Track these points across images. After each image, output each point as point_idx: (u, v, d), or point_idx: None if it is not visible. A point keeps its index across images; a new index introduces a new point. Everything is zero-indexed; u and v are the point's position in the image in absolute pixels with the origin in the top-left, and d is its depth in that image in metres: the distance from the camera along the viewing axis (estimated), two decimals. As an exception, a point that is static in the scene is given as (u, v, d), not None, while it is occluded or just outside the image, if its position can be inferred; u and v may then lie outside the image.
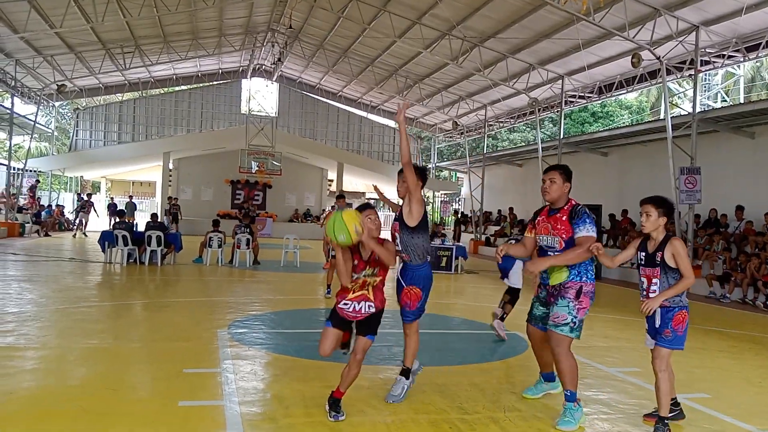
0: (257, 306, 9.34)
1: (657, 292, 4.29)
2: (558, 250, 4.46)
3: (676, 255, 4.27)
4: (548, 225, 4.57)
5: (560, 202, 4.57)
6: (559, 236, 4.48)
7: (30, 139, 27.09)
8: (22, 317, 7.55)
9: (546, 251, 4.57)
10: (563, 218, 4.48)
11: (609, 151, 21.29)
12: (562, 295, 4.43)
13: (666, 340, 4.32)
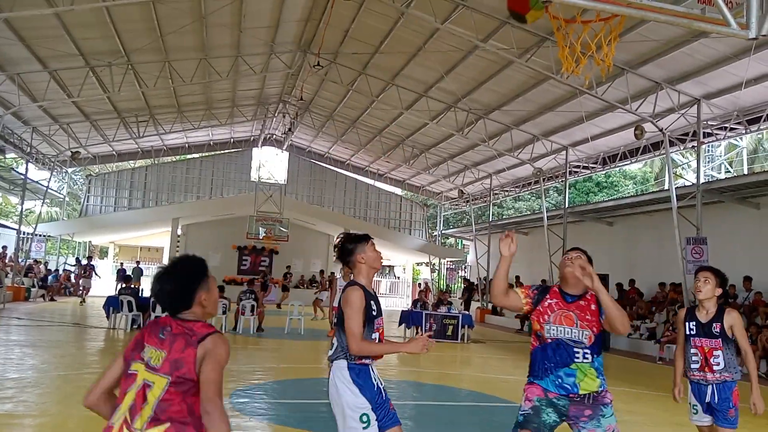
0: (260, 374, 9.22)
1: (721, 365, 4.13)
2: (587, 346, 3.52)
3: (735, 327, 4.17)
4: (571, 314, 3.58)
5: (582, 287, 3.67)
6: (589, 330, 3.53)
7: (42, 204, 27.50)
8: (22, 383, 7.48)
9: (574, 348, 3.53)
10: (592, 307, 3.58)
11: (614, 220, 21.37)
12: (603, 403, 3.51)
13: (730, 421, 4.10)
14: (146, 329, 2.44)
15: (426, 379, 9.72)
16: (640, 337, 16.46)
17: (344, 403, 3.43)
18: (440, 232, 35.05)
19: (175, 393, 2.27)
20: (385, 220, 34.43)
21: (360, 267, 3.72)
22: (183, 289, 2.45)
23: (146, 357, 2.34)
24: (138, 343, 2.40)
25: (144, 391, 2.28)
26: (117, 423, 2.29)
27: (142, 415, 2.25)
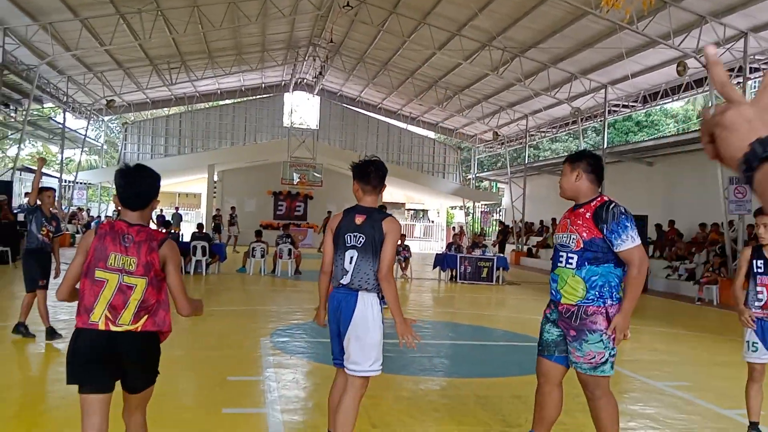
0: (299, 315, 9.42)
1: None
2: (573, 250, 3.47)
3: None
4: (567, 221, 3.62)
5: (583, 198, 3.60)
6: (578, 234, 3.48)
7: (80, 152, 28.10)
8: (71, 324, 7.78)
9: (559, 251, 3.58)
10: (587, 215, 3.50)
11: (654, 160, 20.80)
12: (590, 328, 3.45)
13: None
14: (105, 238, 2.77)
15: (461, 320, 9.82)
16: (678, 278, 16.26)
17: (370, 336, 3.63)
18: (474, 175, 34.73)
19: (151, 289, 2.78)
20: (419, 164, 34.20)
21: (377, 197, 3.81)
22: (148, 189, 2.91)
23: (116, 264, 2.74)
24: (98, 253, 2.75)
25: (125, 293, 2.73)
26: (100, 321, 2.72)
27: (125, 311, 2.72)
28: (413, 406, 4.97)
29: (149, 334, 2.80)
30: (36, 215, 6.62)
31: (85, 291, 2.76)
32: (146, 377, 2.89)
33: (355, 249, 3.55)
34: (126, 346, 2.74)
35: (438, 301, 12.74)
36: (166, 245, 2.83)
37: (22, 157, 26.63)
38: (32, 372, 5.59)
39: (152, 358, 2.89)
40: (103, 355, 2.72)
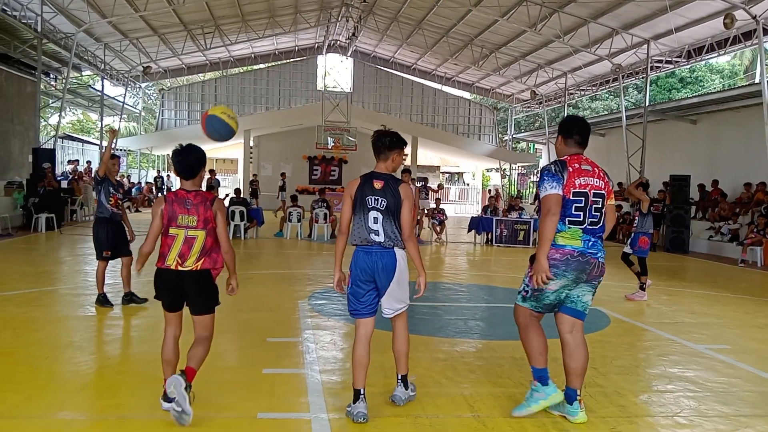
0: (335, 279, 9.54)
1: None
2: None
3: None
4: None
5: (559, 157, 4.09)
6: None
7: (119, 119, 28.57)
8: (117, 288, 8.05)
9: None
10: None
11: (698, 118, 20.13)
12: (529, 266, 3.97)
13: None
14: (173, 204, 3.80)
15: (497, 282, 9.81)
16: (721, 239, 15.88)
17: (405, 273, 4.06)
18: (511, 136, 34.19)
19: (208, 238, 3.81)
20: (453, 125, 33.80)
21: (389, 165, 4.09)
22: (196, 163, 3.91)
23: (182, 223, 3.77)
24: (170, 215, 3.78)
25: (189, 243, 3.78)
26: (173, 264, 3.79)
27: (190, 256, 3.80)
28: (449, 368, 5.03)
29: (205, 270, 3.83)
30: (104, 185, 6.80)
31: (162, 244, 3.80)
32: (201, 303, 3.89)
33: (378, 211, 3.96)
34: (187, 281, 3.80)
35: (473, 265, 12.73)
36: (216, 202, 3.84)
37: (63, 125, 27.22)
38: (80, 336, 5.82)
39: (206, 288, 3.88)
40: (173, 287, 3.86)
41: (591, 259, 3.84)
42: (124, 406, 3.97)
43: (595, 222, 3.90)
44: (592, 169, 3.98)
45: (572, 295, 3.90)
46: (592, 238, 3.87)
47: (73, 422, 3.69)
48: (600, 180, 3.96)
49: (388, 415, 3.93)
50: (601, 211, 3.93)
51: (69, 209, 17.68)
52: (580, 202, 3.85)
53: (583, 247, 3.83)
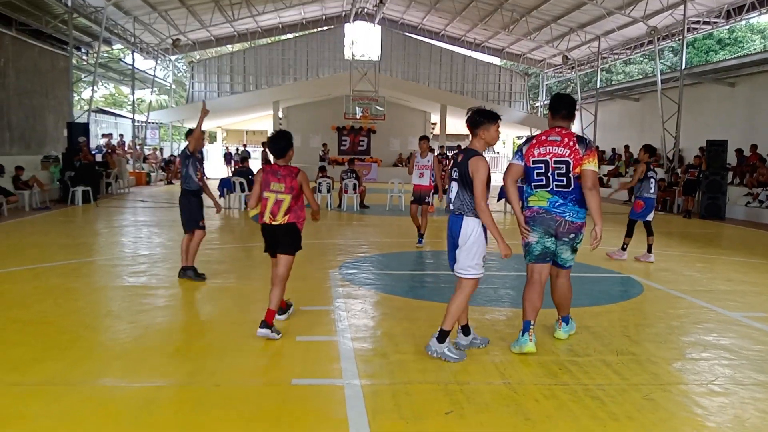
0: (365, 248, 9.59)
1: None
2: None
3: None
4: None
5: None
6: None
7: (150, 92, 28.86)
8: (152, 259, 8.23)
9: None
10: None
11: (737, 81, 19.47)
12: None
13: None
14: (268, 174, 4.96)
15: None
16: (759, 205, 15.47)
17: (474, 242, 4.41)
18: (542, 102, 33.57)
19: (292, 200, 4.94)
20: (483, 92, 33.33)
21: (480, 141, 4.46)
22: (286, 146, 5.01)
23: (274, 189, 4.93)
24: (265, 182, 4.95)
25: (279, 204, 4.93)
26: (266, 218, 4.98)
27: (279, 213, 4.94)
28: (480, 335, 5.03)
29: (291, 223, 5.00)
30: (192, 160, 6.84)
31: (261, 205, 4.99)
32: (287, 246, 5.04)
33: (455, 181, 4.43)
34: (278, 232, 5.00)
35: (503, 233, 12.66)
36: (300, 174, 4.97)
37: (95, 99, 27.59)
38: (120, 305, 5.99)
39: (292, 236, 5.06)
40: (269, 237, 5.07)
41: (556, 216, 4.56)
42: (161, 374, 4.08)
43: (562, 185, 4.51)
44: (561, 139, 4.49)
45: (557, 251, 4.71)
46: (560, 199, 4.54)
47: (114, 388, 3.82)
48: (565, 148, 4.45)
49: (419, 381, 3.97)
50: (567, 176, 4.48)
51: (104, 182, 18.02)
52: (540, 168, 4.56)
53: (549, 206, 4.58)
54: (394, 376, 4.07)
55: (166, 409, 3.52)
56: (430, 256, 9.19)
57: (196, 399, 3.66)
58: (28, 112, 17.75)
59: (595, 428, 3.37)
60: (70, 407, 3.51)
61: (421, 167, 9.55)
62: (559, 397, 3.78)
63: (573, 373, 4.19)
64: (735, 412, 3.67)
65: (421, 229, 9.68)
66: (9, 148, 16.51)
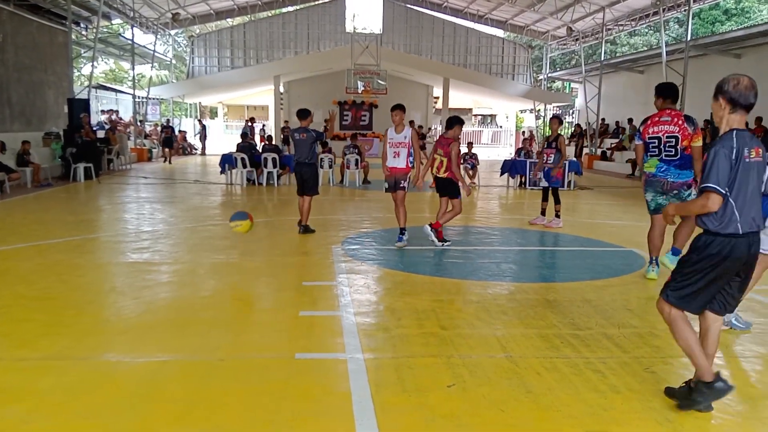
0: (368, 224, 9.60)
1: None
2: None
3: None
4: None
5: None
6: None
7: (151, 67, 28.66)
8: (155, 235, 8.26)
9: None
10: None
11: (743, 52, 19.23)
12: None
13: None
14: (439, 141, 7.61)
15: (530, 226, 9.74)
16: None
17: None
18: (546, 75, 33.28)
19: (448, 160, 7.40)
20: (486, 65, 33.02)
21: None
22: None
23: (438, 153, 7.47)
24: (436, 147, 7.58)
25: (441, 162, 7.48)
26: (432, 173, 7.67)
27: (441, 169, 7.52)
28: (482, 310, 5.06)
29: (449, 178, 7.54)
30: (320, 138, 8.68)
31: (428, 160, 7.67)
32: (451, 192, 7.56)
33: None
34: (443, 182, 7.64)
35: (506, 208, 12.64)
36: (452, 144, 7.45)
37: (96, 75, 27.41)
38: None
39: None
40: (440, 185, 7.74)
41: (660, 179, 5.95)
42: (165, 348, 4.12)
43: (670, 155, 5.87)
44: (671, 119, 5.89)
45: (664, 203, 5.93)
46: (665, 165, 5.90)
47: (119, 363, 3.86)
48: (674, 126, 5.85)
49: (422, 355, 4.00)
50: (676, 148, 5.84)
51: (106, 159, 17.99)
52: (654, 143, 5.94)
53: (655, 171, 5.97)
54: (397, 350, 4.10)
55: (171, 384, 3.56)
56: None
57: (200, 373, 3.70)
58: (28, 88, 17.66)
59: (597, 400, 3.40)
60: (76, 382, 3.55)
61: (395, 145, 7.65)
62: (561, 369, 3.81)
63: (575, 347, 4.22)
64: (736, 384, 3.69)
65: (400, 222, 7.76)
66: (10, 125, 16.46)
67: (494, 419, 3.17)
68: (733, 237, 3.11)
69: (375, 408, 3.24)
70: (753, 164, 3.11)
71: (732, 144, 3.10)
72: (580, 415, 3.22)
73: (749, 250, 3.13)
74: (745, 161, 3.09)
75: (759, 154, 3.14)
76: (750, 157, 3.10)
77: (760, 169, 3.15)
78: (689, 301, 3.24)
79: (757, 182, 3.15)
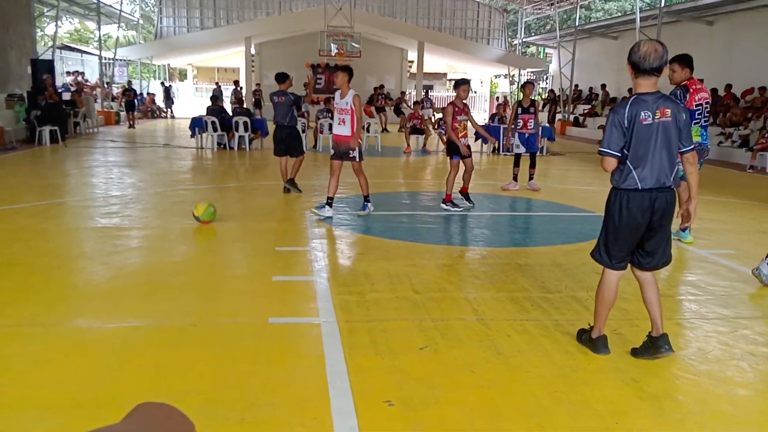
0: (342, 189, 9.54)
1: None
2: None
3: None
4: None
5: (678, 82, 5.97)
6: None
7: (117, 27, 27.76)
8: (124, 200, 8.11)
9: None
10: None
11: (715, 19, 19.34)
12: None
13: None
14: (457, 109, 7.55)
15: (503, 191, 9.80)
16: (732, 144, 15.68)
17: None
18: (521, 40, 33.10)
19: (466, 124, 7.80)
20: (461, 29, 32.69)
21: None
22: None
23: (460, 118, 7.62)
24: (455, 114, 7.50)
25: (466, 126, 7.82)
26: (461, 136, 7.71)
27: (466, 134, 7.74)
28: (453, 273, 5.11)
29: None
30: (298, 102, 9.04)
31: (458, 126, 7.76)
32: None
33: None
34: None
35: (479, 174, 12.68)
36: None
37: (60, 35, 26.48)
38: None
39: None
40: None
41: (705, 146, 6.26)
42: (137, 314, 4.08)
43: (707, 121, 6.20)
44: (701, 87, 6.03)
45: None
46: (704, 131, 6.20)
47: (89, 329, 3.81)
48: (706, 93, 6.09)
49: (395, 319, 4.04)
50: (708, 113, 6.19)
51: (72, 122, 17.51)
52: (699, 110, 5.95)
53: (701, 140, 6.11)
54: (370, 314, 4.13)
55: (143, 349, 3.54)
56: (406, 197, 9.20)
57: (172, 339, 3.68)
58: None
59: (565, 361, 3.47)
60: (46, 349, 3.50)
61: (340, 111, 7.27)
62: (531, 332, 3.88)
63: (544, 309, 4.29)
64: (699, 345, 3.81)
65: (363, 190, 7.48)
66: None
67: (465, 381, 3.22)
68: (631, 191, 3.36)
69: (348, 371, 3.26)
70: (655, 125, 3.28)
71: (624, 111, 3.30)
72: (549, 376, 3.29)
73: (652, 205, 3.35)
74: (642, 124, 3.27)
75: (666, 114, 3.29)
76: (652, 119, 3.27)
77: (666, 127, 3.30)
78: (606, 255, 3.53)
79: (663, 140, 3.31)
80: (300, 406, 2.90)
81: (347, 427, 2.72)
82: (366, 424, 2.75)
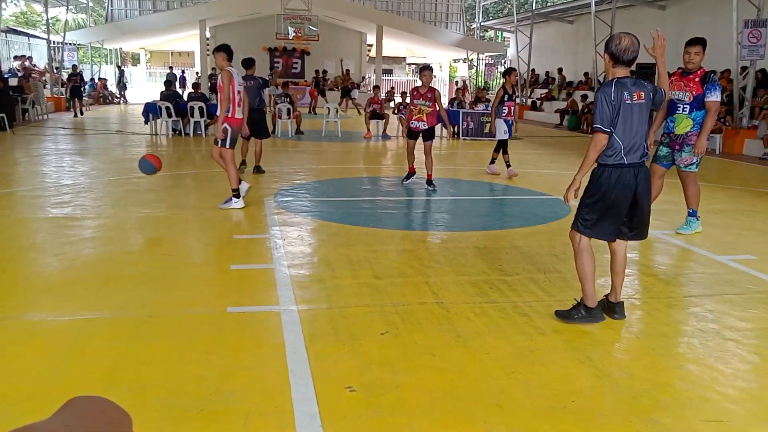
0: (301, 175, 9.48)
1: None
2: (687, 102, 5.74)
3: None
4: (681, 83, 5.76)
5: (696, 68, 5.77)
6: (690, 92, 5.71)
7: (66, 10, 26.78)
8: (76, 189, 7.89)
9: (676, 104, 5.79)
10: (696, 79, 5.71)
11: (667, 4, 19.78)
12: (687, 142, 5.79)
13: None
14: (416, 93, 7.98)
15: (462, 175, 9.89)
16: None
17: None
18: (479, 24, 33.23)
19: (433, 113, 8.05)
20: (420, 13, 32.63)
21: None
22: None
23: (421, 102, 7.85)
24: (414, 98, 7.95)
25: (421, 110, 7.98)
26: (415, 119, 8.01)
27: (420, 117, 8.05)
28: (414, 258, 5.14)
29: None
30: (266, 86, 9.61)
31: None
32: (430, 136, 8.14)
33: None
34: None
35: (439, 158, 12.74)
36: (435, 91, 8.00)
37: (5, 18, 25.45)
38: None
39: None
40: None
41: None
42: (91, 306, 3.99)
43: None
44: None
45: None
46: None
47: (42, 322, 3.71)
48: None
49: (356, 305, 4.04)
50: None
51: (20, 108, 16.89)
52: None
53: None
54: (331, 301, 4.12)
55: (98, 342, 3.46)
56: (367, 183, 9.19)
57: (129, 330, 3.61)
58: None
59: (524, 342, 3.54)
60: (-5, 343, 3.40)
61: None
62: (490, 314, 3.94)
63: (503, 291, 4.36)
64: (649, 322, 3.93)
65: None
66: None
67: (426, 364, 3.25)
68: (618, 167, 3.60)
69: (309, 358, 3.26)
70: (635, 105, 3.58)
71: (611, 90, 3.55)
72: (507, 357, 3.35)
73: (636, 178, 3.61)
74: (626, 103, 3.55)
75: (641, 96, 3.60)
76: (631, 100, 3.57)
77: (642, 109, 3.61)
78: (594, 228, 3.72)
79: (639, 120, 3.61)
80: (261, 395, 2.89)
81: (309, 414, 2.73)
82: (327, 411, 2.76)
